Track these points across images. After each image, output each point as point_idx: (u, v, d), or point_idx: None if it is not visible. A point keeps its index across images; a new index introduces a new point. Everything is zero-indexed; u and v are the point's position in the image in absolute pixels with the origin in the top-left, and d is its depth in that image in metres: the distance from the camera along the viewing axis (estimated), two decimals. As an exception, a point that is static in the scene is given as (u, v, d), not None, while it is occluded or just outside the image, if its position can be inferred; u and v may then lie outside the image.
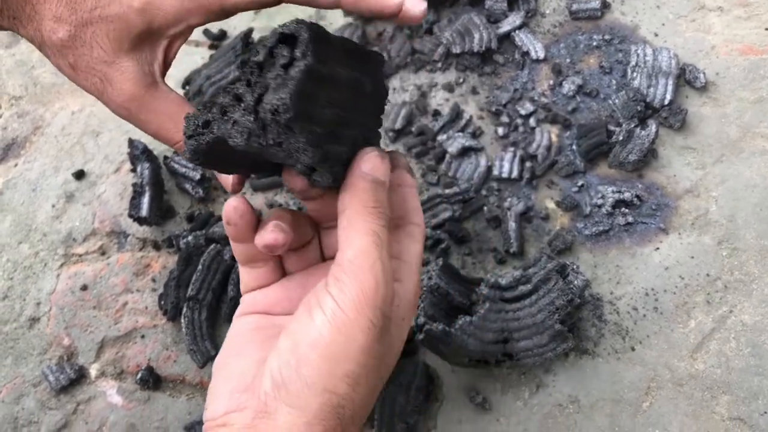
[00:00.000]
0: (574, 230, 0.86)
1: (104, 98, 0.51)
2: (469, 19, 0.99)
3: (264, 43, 0.42)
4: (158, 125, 0.51)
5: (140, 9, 0.49)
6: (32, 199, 0.92)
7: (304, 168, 0.43)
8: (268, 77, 0.41)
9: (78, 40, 0.49)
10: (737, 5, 1.03)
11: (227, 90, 0.44)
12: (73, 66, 0.50)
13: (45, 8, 0.50)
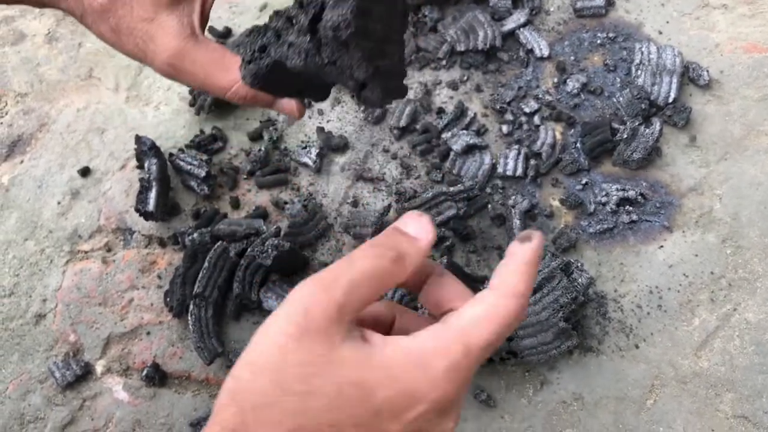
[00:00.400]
0: (578, 228, 0.86)
1: (148, 58, 0.52)
2: (473, 17, 0.99)
3: None
4: (205, 74, 0.52)
5: None
6: (38, 195, 0.92)
7: (355, 84, 0.45)
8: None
9: (118, 2, 0.51)
10: (742, 3, 1.03)
11: (279, 14, 0.46)
12: (115, 29, 0.52)
13: None
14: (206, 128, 0.96)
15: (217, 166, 0.93)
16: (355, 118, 0.97)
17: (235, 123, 0.97)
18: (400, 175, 0.92)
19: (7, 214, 0.91)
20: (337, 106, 0.98)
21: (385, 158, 0.93)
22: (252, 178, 0.92)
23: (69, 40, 1.06)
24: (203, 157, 0.91)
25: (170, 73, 0.53)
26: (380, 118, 0.96)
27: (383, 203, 0.90)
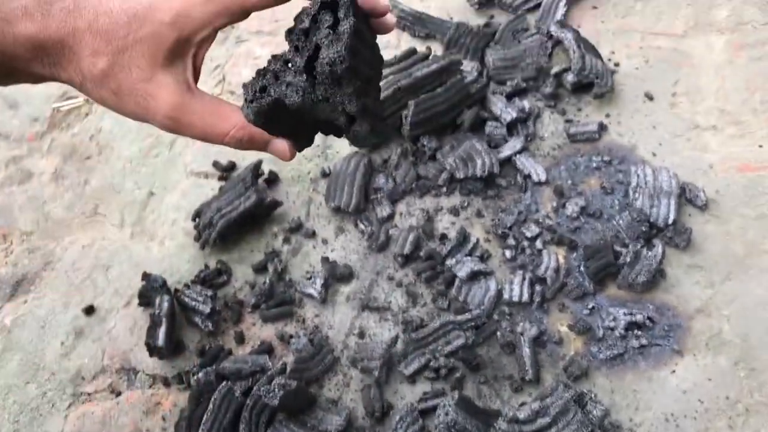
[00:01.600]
0: (588, 355, 0.85)
1: (150, 114, 0.55)
2: (471, 146, 1.02)
3: (307, 12, 0.50)
4: (203, 123, 0.56)
5: (171, 22, 0.54)
6: (41, 336, 0.91)
7: (345, 119, 0.51)
8: (315, 39, 0.49)
9: (117, 67, 0.54)
10: (730, 123, 1.06)
11: (276, 58, 0.52)
12: (116, 92, 0.55)
13: (82, 47, 0.54)
14: (210, 262, 0.97)
15: (222, 300, 0.93)
16: (359, 246, 0.97)
17: (239, 255, 0.98)
18: (406, 303, 0.92)
19: (8, 357, 0.90)
20: (340, 234, 0.99)
21: (390, 286, 0.93)
22: (257, 312, 0.92)
23: (75, 178, 1.09)
24: (208, 292, 0.91)
25: (171, 126, 0.56)
26: (384, 245, 0.97)
27: (390, 333, 0.89)
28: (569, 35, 1.13)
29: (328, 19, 0.49)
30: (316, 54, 0.49)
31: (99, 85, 0.55)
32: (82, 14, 0.54)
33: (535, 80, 1.13)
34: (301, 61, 0.50)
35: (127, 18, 0.54)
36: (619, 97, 1.11)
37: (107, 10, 0.54)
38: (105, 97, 0.55)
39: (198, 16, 0.55)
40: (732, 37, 1.18)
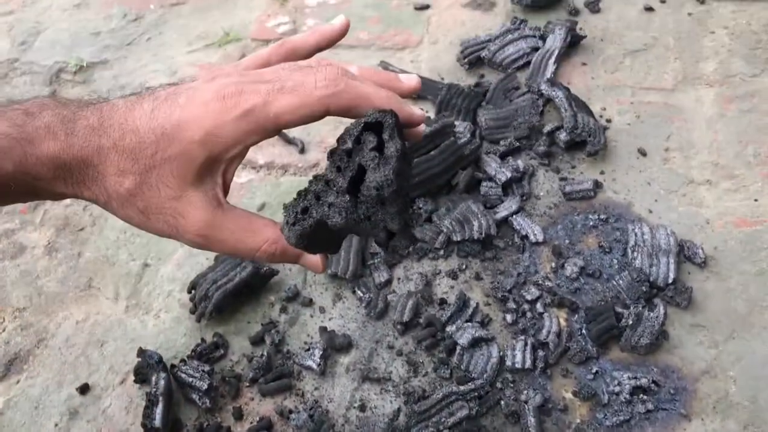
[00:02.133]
0: (594, 422, 0.84)
1: (179, 232, 0.54)
2: (466, 207, 1.02)
3: (350, 133, 0.50)
4: (235, 240, 0.54)
5: (201, 141, 0.53)
6: (34, 418, 0.89)
7: (384, 236, 0.50)
8: (359, 160, 0.49)
9: (145, 186, 0.53)
10: (724, 178, 1.06)
11: (317, 178, 0.52)
12: (144, 211, 0.53)
13: (107, 166, 0.53)
14: (207, 335, 0.95)
15: (219, 374, 0.91)
16: (357, 314, 0.96)
17: (236, 327, 0.96)
18: (407, 373, 0.90)
19: (1, 441, 0.88)
20: (338, 302, 0.98)
21: (390, 355, 0.92)
22: (255, 385, 0.90)
23: (68, 250, 1.08)
24: (205, 367, 0.89)
25: (201, 243, 0.55)
26: (382, 312, 0.96)
27: (392, 406, 0.87)
28: (560, 93, 1.14)
29: (372, 140, 0.49)
30: (359, 174, 0.49)
31: (125, 205, 0.53)
32: (107, 132, 0.53)
33: (528, 139, 1.14)
34: (343, 182, 0.50)
35: (154, 136, 0.53)
36: (613, 153, 1.11)
37: (134, 128, 0.53)
38: (131, 216, 0.54)
39: (230, 135, 0.53)
40: (721, 89, 1.20)
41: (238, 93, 0.53)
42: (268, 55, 0.60)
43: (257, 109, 0.53)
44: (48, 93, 1.34)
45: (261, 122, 0.53)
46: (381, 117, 0.49)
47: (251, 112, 0.53)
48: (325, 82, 0.53)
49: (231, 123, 0.53)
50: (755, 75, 1.22)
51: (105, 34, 1.48)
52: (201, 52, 1.40)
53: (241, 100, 0.53)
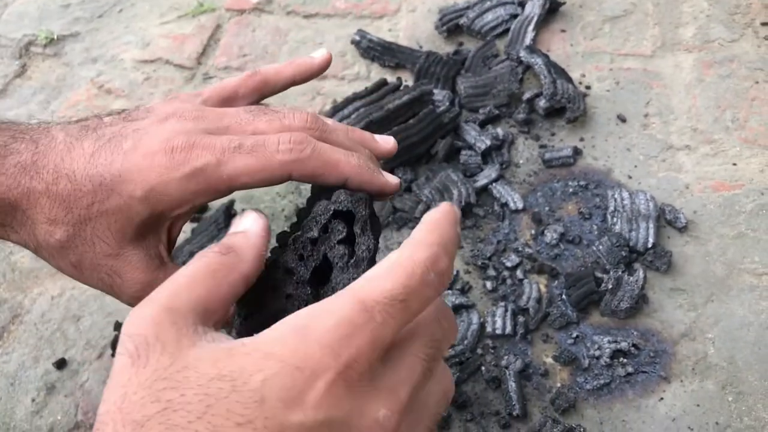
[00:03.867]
0: (575, 386, 0.84)
1: (115, 292, 0.49)
2: (446, 176, 1.01)
3: (317, 220, 0.45)
4: None
5: (143, 197, 0.47)
6: (10, 394, 0.88)
7: None
8: (324, 251, 0.44)
9: (78, 239, 0.48)
10: (703, 143, 1.06)
11: (276, 264, 0.46)
12: (76, 265, 0.49)
13: (37, 212, 0.47)
14: (186, 307, 0.94)
15: (199, 346, 0.90)
16: (337, 284, 0.95)
17: (215, 299, 0.95)
18: (387, 341, 0.90)
19: (-23, 418, 0.86)
20: (317, 273, 0.97)
21: (370, 324, 0.91)
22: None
23: (43, 225, 1.06)
24: (184, 339, 0.88)
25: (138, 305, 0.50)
26: (362, 282, 0.95)
27: (373, 374, 0.87)
28: (539, 60, 1.13)
29: (341, 229, 0.44)
30: (323, 264, 0.45)
31: (56, 256, 0.49)
32: (40, 173, 0.47)
33: (507, 107, 1.13)
34: (306, 273, 0.45)
35: (92, 185, 0.47)
36: (592, 120, 1.11)
37: (69, 172, 0.47)
38: (63, 268, 0.49)
39: (175, 195, 0.47)
40: (700, 55, 1.19)
41: (189, 147, 0.47)
42: (236, 87, 0.55)
43: (209, 170, 0.47)
44: (17, 67, 1.31)
45: (212, 183, 0.47)
46: (353, 206, 0.44)
47: (202, 172, 0.47)
48: (289, 146, 0.47)
49: (177, 182, 0.47)
50: (734, 40, 1.21)
51: (75, 5, 1.44)
52: (174, 24, 1.38)
53: (192, 156, 0.47)
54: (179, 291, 0.36)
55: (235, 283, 0.39)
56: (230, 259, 0.40)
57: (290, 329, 0.33)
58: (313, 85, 1.22)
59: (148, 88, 1.25)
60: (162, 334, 0.33)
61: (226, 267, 0.39)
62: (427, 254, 0.37)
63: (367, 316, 0.34)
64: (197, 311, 0.36)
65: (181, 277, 0.37)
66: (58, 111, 1.21)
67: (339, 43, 1.30)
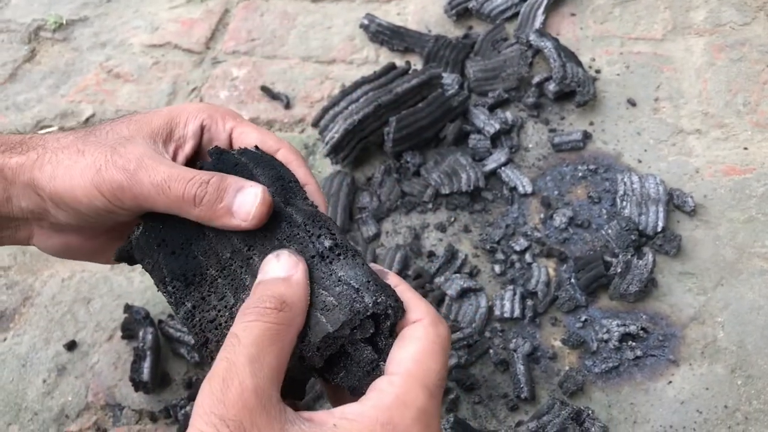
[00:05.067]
0: (583, 369, 0.84)
1: (113, 158, 0.50)
2: (455, 160, 1.01)
3: (352, 320, 0.44)
4: (171, 168, 0.50)
5: (165, 113, 0.55)
6: (22, 375, 0.89)
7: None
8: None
9: (92, 134, 0.53)
10: (714, 127, 1.05)
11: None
12: (81, 150, 0.51)
13: (55, 135, 0.53)
14: (195, 290, 0.94)
15: (208, 329, 0.90)
16: (346, 267, 0.95)
17: (224, 282, 0.95)
18: (395, 324, 0.90)
19: (-11, 398, 0.87)
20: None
21: (379, 308, 0.92)
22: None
23: (53, 209, 1.06)
24: (193, 322, 0.88)
25: (132, 168, 0.50)
26: (371, 266, 0.95)
27: (381, 357, 0.87)
28: (549, 44, 1.12)
29: (368, 328, 0.46)
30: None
31: (62, 149, 0.51)
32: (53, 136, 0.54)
33: (516, 90, 1.12)
34: (320, 361, 0.46)
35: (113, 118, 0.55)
36: (602, 104, 1.10)
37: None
38: (61, 159, 0.51)
39: (192, 109, 0.56)
40: (711, 39, 1.18)
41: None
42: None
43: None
44: (27, 51, 1.31)
45: (220, 113, 0.58)
46: (386, 311, 0.45)
47: (215, 106, 0.57)
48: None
49: (192, 106, 0.56)
50: (745, 23, 1.20)
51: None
52: (182, 8, 1.37)
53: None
54: (256, 365, 0.38)
55: (293, 340, 0.42)
56: (287, 315, 0.42)
57: (378, 425, 0.38)
58: (321, 70, 1.22)
59: (157, 72, 1.25)
60: (256, 419, 0.36)
61: (285, 326, 0.41)
62: (445, 326, 0.44)
63: (435, 401, 0.41)
64: (275, 384, 0.39)
65: (250, 346, 0.39)
66: (67, 95, 1.21)
67: (347, 27, 1.29)
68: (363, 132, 1.01)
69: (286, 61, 1.24)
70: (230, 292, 0.47)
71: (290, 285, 0.44)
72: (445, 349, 0.43)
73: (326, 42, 1.27)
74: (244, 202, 0.48)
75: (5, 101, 1.22)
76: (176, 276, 0.49)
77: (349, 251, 0.47)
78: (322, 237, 0.48)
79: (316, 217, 0.49)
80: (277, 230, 0.49)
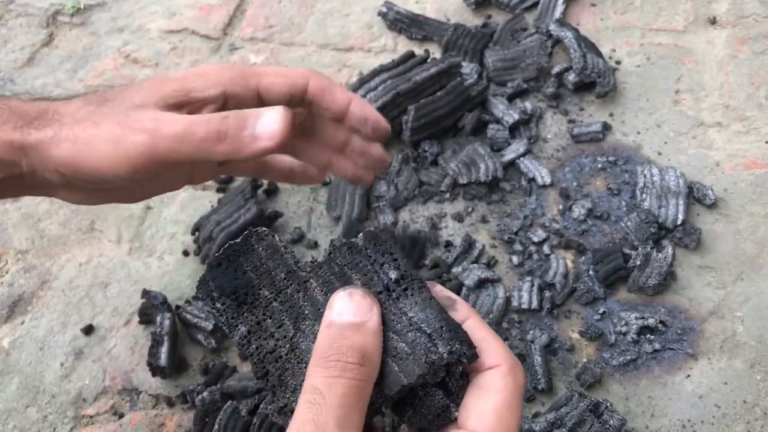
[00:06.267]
0: (601, 361, 0.84)
1: (130, 124, 0.50)
2: (473, 150, 1.00)
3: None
4: (191, 116, 0.50)
5: (180, 76, 0.54)
6: (39, 358, 0.89)
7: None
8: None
9: (105, 105, 0.52)
10: (735, 120, 1.04)
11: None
12: (96, 122, 0.50)
13: (70, 106, 0.51)
14: (212, 276, 0.94)
15: (225, 315, 0.91)
16: (362, 256, 0.95)
17: (240, 269, 0.95)
18: (412, 314, 0.89)
19: (7, 380, 0.88)
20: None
21: (395, 297, 0.91)
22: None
23: (70, 193, 1.06)
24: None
25: (152, 127, 0.50)
26: (387, 255, 0.95)
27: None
28: (569, 34, 1.11)
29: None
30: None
31: (77, 123, 0.50)
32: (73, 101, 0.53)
33: (536, 81, 1.11)
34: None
35: (125, 85, 0.53)
36: (622, 95, 1.09)
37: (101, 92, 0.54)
38: (77, 134, 0.50)
39: (212, 72, 0.54)
40: (734, 31, 1.17)
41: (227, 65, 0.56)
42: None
43: (245, 66, 0.56)
44: (45, 36, 1.31)
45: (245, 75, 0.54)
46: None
47: (236, 65, 0.55)
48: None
49: (215, 66, 0.55)
50: (769, 16, 1.19)
51: (102, -25, 1.44)
52: (201, -6, 1.37)
53: (229, 61, 0.59)
54: (343, 423, 0.38)
55: (371, 391, 0.41)
56: (368, 371, 0.40)
57: None
58: (339, 57, 1.21)
59: (175, 58, 1.24)
60: None
61: (367, 382, 0.40)
62: (521, 371, 0.44)
63: None
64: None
65: (338, 408, 0.38)
66: (85, 80, 1.21)
67: (366, 14, 1.28)
68: (381, 120, 1.01)
69: (303, 48, 1.24)
70: (289, 321, 0.45)
71: (368, 334, 0.42)
72: (522, 396, 0.43)
73: (344, 29, 1.27)
74: (266, 122, 0.49)
75: (23, 85, 1.22)
76: (225, 292, 0.46)
77: (415, 282, 0.45)
78: (386, 266, 0.45)
79: (377, 239, 0.47)
80: (339, 255, 0.46)
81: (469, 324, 0.44)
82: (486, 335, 0.44)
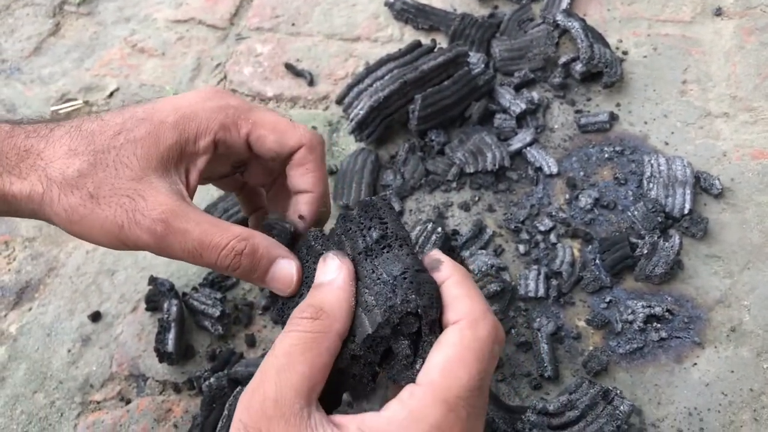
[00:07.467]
0: (607, 349, 0.84)
1: (135, 218, 0.48)
2: (480, 139, 1.00)
3: (390, 319, 0.45)
4: (201, 232, 0.49)
5: (174, 123, 0.51)
6: (47, 344, 0.89)
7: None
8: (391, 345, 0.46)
9: (99, 166, 0.49)
10: (742, 110, 1.04)
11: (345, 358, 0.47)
12: (93, 194, 0.48)
13: (56, 149, 0.49)
14: (218, 264, 0.94)
15: (232, 302, 0.91)
16: (369, 244, 0.95)
17: (247, 257, 0.95)
18: (418, 302, 0.90)
19: (15, 366, 0.88)
20: (349, 233, 0.97)
21: (402, 285, 0.91)
22: (267, 313, 0.90)
23: (77, 181, 1.06)
24: (217, 295, 0.89)
25: (159, 233, 0.48)
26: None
27: (404, 333, 0.87)
28: (576, 24, 1.11)
29: (413, 322, 0.45)
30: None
31: (71, 190, 0.48)
32: (63, 124, 0.51)
33: (542, 71, 1.11)
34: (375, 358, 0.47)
35: (121, 120, 0.51)
36: (629, 85, 1.09)
37: (95, 118, 0.51)
38: (75, 205, 0.48)
39: (204, 117, 0.53)
40: (741, 22, 1.17)
41: (223, 93, 0.57)
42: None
43: (239, 108, 0.55)
44: (51, 25, 1.31)
45: (237, 121, 0.54)
46: (424, 310, 0.44)
47: (231, 107, 0.54)
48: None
49: (207, 110, 0.53)
50: (776, 7, 1.18)
51: (108, -35, 1.44)
52: (207, -16, 1.37)
53: (225, 95, 0.56)
54: (283, 375, 0.40)
55: (332, 345, 0.43)
56: (324, 323, 0.42)
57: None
58: (345, 47, 1.21)
59: (181, 47, 1.24)
60: (273, 426, 0.38)
61: (321, 334, 0.42)
62: (489, 325, 0.42)
63: (454, 416, 0.39)
64: (302, 393, 0.40)
65: (281, 357, 0.41)
66: (92, 69, 1.22)
67: (372, 4, 1.28)
68: (388, 109, 1.01)
69: (310, 38, 1.24)
70: (306, 291, 0.48)
71: (331, 290, 0.44)
72: (483, 352, 0.41)
73: (350, 19, 1.27)
74: (282, 275, 0.51)
75: (30, 74, 1.22)
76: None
77: (397, 240, 0.47)
78: (372, 229, 0.48)
79: (371, 206, 0.50)
80: (338, 226, 0.51)
81: (448, 283, 0.45)
82: (460, 293, 0.44)
